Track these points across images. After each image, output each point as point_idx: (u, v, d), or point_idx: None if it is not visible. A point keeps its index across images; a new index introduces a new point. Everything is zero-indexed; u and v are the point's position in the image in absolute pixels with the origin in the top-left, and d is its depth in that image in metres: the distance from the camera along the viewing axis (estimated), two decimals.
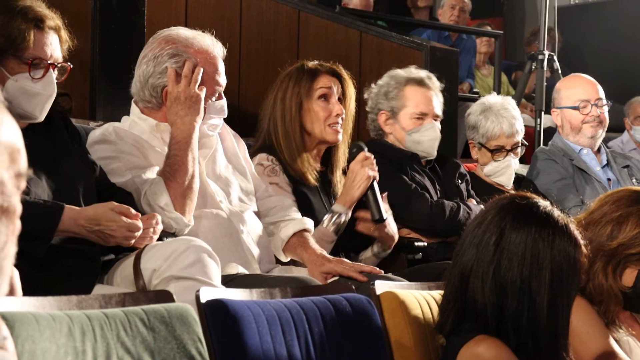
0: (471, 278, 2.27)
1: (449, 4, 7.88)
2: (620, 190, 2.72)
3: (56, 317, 1.85)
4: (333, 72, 3.56)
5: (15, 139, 1.12)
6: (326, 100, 3.51)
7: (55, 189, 2.63)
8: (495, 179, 4.28)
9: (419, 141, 3.96)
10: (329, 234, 3.40)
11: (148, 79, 3.04)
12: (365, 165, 3.46)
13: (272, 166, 3.45)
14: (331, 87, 3.51)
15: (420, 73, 4.03)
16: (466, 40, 7.69)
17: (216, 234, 3.03)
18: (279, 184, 3.42)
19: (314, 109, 3.49)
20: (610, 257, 2.58)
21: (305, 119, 3.50)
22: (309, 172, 3.49)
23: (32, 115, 2.66)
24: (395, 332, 2.45)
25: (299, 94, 3.49)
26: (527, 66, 5.81)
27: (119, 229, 2.59)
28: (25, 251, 2.33)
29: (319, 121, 3.49)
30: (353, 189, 3.44)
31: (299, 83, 3.50)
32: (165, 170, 2.92)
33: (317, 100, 3.50)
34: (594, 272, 2.58)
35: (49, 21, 2.64)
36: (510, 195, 2.36)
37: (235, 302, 2.21)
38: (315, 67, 3.55)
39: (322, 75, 3.53)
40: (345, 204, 3.44)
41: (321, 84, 3.51)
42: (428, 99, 3.99)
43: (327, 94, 3.51)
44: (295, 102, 3.48)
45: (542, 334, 2.23)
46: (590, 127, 4.56)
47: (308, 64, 3.56)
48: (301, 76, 3.51)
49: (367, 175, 3.44)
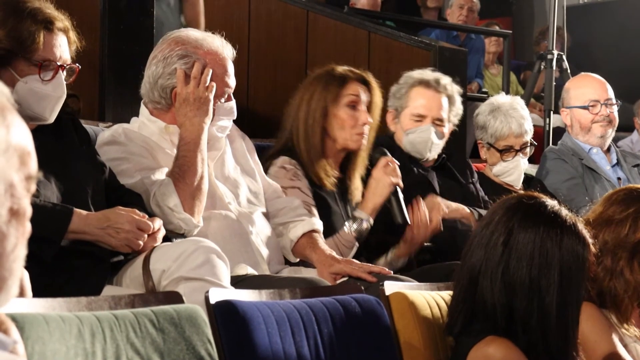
0: (480, 279, 2.26)
1: (458, 4, 7.87)
2: (620, 190, 2.74)
3: (66, 318, 1.86)
4: (362, 80, 3.54)
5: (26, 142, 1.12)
6: (354, 108, 3.49)
7: (64, 191, 2.63)
8: (504, 179, 4.28)
9: (413, 142, 3.95)
10: (350, 239, 3.40)
11: (157, 80, 3.05)
12: (388, 172, 3.45)
13: (294, 170, 3.44)
14: (359, 95, 3.50)
15: (431, 75, 4.00)
16: (475, 40, 7.68)
17: (225, 235, 3.03)
18: (300, 189, 3.42)
19: (341, 116, 3.47)
20: (634, 251, 2.59)
21: (331, 124, 3.48)
22: (325, 178, 3.48)
23: (42, 117, 2.66)
24: (405, 333, 2.45)
25: (325, 99, 3.47)
26: (536, 66, 5.80)
27: (127, 224, 2.59)
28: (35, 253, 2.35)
29: (344, 128, 3.47)
30: (375, 195, 3.44)
31: (327, 88, 3.48)
32: (174, 172, 2.92)
33: (344, 107, 3.48)
34: (618, 270, 2.58)
35: (58, 23, 2.65)
36: (518, 195, 2.36)
37: (244, 303, 2.21)
38: (345, 73, 3.52)
39: (352, 82, 3.51)
40: (368, 210, 3.44)
41: (350, 91, 3.49)
42: (431, 101, 3.96)
43: (356, 102, 3.49)
44: (320, 106, 3.47)
45: (551, 334, 2.23)
46: (600, 126, 4.55)
47: (337, 69, 3.54)
48: (330, 81, 3.49)
49: (390, 182, 3.44)
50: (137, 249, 2.64)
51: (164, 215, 2.85)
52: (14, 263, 1.11)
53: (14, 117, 1.12)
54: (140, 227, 2.62)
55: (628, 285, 2.59)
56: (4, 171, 1.09)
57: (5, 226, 1.09)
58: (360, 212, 3.44)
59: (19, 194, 1.11)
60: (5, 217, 1.09)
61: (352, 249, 3.40)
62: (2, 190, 1.08)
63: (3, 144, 1.09)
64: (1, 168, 1.08)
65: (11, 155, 1.10)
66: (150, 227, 2.64)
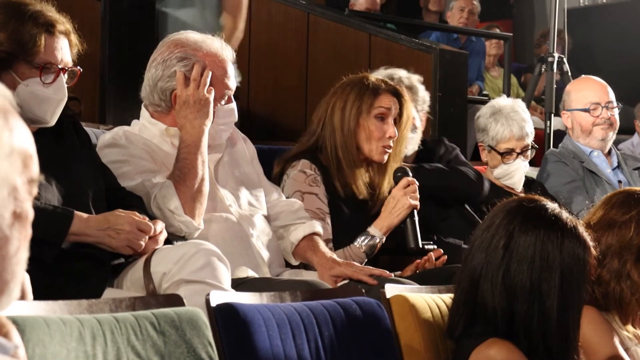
0: (481, 282, 2.26)
1: (458, 7, 7.87)
2: (618, 192, 2.74)
3: (67, 321, 1.86)
4: (394, 92, 3.52)
5: (28, 145, 1.13)
6: (382, 120, 3.47)
7: (65, 194, 2.63)
8: (505, 182, 4.27)
9: None
10: (359, 254, 3.38)
11: (157, 83, 3.05)
12: (407, 192, 3.43)
13: (314, 176, 3.43)
14: (390, 108, 3.48)
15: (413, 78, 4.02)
16: (475, 42, 7.68)
17: (226, 237, 3.03)
18: (317, 195, 3.40)
19: (369, 127, 3.45)
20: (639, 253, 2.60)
21: (359, 134, 3.46)
22: (361, 185, 3.45)
23: (43, 120, 2.67)
24: (406, 336, 2.45)
25: (359, 109, 3.45)
26: (537, 68, 5.80)
27: (128, 225, 2.59)
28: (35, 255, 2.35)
29: (371, 140, 3.45)
30: (392, 215, 3.41)
31: (360, 97, 3.45)
32: (175, 174, 2.92)
33: (373, 119, 3.45)
34: (625, 273, 2.59)
35: (59, 25, 2.65)
36: (518, 198, 2.36)
37: (245, 305, 2.21)
38: (379, 83, 3.50)
39: (384, 93, 3.49)
40: (382, 229, 3.42)
41: (382, 104, 3.47)
42: None
43: (385, 114, 3.47)
44: (355, 115, 3.44)
45: (552, 337, 2.23)
46: (601, 129, 4.54)
47: (371, 78, 3.52)
48: (364, 91, 3.46)
49: (409, 204, 3.42)
50: (138, 249, 2.64)
51: (165, 218, 2.85)
52: (16, 266, 1.11)
53: (17, 121, 1.12)
54: (140, 228, 2.62)
55: (636, 287, 2.60)
56: (8, 175, 1.09)
57: (8, 229, 1.09)
58: (374, 229, 3.42)
59: (22, 197, 1.11)
60: (8, 220, 1.10)
61: (361, 264, 3.38)
62: (6, 194, 1.09)
63: (6, 147, 1.09)
64: (5, 172, 1.08)
65: (14, 159, 1.10)
66: (151, 228, 2.64)
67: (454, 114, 5.00)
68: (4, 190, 1.08)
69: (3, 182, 1.08)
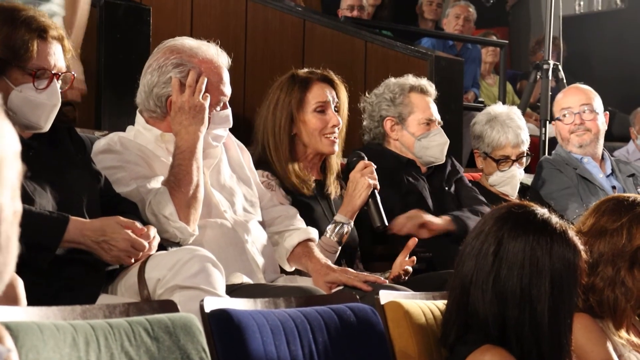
0: (472, 289, 2.27)
1: (454, 14, 7.88)
2: (607, 200, 2.75)
3: (60, 327, 1.85)
4: (325, 79, 3.54)
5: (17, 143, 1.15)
6: (322, 112, 3.50)
7: (60, 200, 2.63)
8: (500, 189, 4.28)
9: (427, 146, 3.96)
10: (332, 244, 3.41)
11: (153, 89, 3.05)
12: (365, 173, 3.46)
13: (267, 181, 3.45)
14: (327, 99, 3.50)
15: (422, 81, 4.04)
16: (471, 49, 7.70)
17: (221, 243, 3.03)
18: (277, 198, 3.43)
19: (310, 121, 3.48)
20: (632, 260, 2.60)
21: (300, 130, 3.50)
22: (299, 183, 3.48)
23: (37, 126, 2.66)
24: (400, 342, 2.45)
25: (289, 105, 3.48)
26: (532, 75, 5.81)
27: (123, 242, 2.59)
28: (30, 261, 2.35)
29: (313, 133, 3.49)
30: (354, 198, 3.44)
31: (290, 94, 3.49)
32: (170, 180, 2.92)
33: (312, 113, 3.48)
34: (620, 280, 2.59)
35: (52, 31, 2.65)
36: (508, 205, 2.37)
37: (239, 311, 2.21)
38: (307, 75, 3.53)
39: (315, 84, 3.51)
40: (347, 213, 3.44)
41: (317, 97, 3.49)
42: (431, 105, 4.02)
43: (324, 107, 3.50)
44: (285, 114, 3.48)
45: (544, 342, 2.23)
46: (577, 136, 4.50)
47: (299, 72, 3.54)
48: (292, 86, 3.50)
49: (368, 184, 3.44)
50: (128, 264, 2.64)
51: (160, 224, 2.85)
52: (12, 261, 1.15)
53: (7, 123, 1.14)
54: (134, 246, 2.61)
55: (631, 294, 2.60)
56: (13, 179, 1.11)
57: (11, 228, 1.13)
58: (341, 216, 3.45)
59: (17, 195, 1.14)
60: (11, 219, 1.12)
61: (336, 253, 3.41)
62: (9, 198, 1.11)
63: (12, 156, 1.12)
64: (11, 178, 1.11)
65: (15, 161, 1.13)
66: (145, 247, 2.64)
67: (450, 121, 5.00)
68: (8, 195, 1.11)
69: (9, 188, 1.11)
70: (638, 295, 2.61)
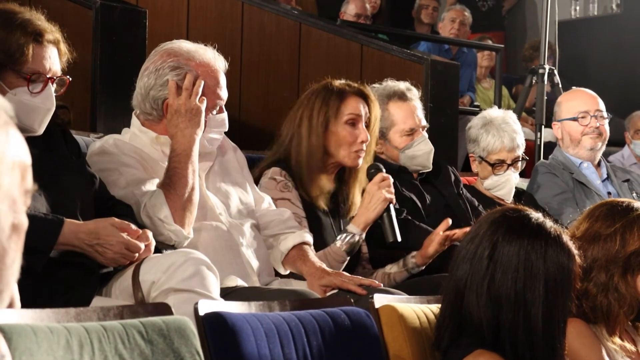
0: (466, 293, 2.27)
1: (449, 17, 7.90)
2: (601, 205, 2.75)
3: (54, 329, 1.85)
4: (360, 93, 3.52)
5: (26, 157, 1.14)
6: (353, 125, 3.47)
7: (53, 203, 2.62)
8: (496, 193, 4.28)
9: (413, 156, 3.93)
10: (341, 253, 3.38)
11: (149, 92, 3.05)
12: (382, 187, 3.43)
13: (284, 181, 3.43)
14: (359, 113, 3.47)
15: (400, 85, 3.96)
16: (467, 53, 7.71)
17: (216, 246, 3.03)
18: (290, 200, 3.41)
19: (340, 133, 3.45)
20: (626, 266, 2.60)
21: (329, 141, 3.46)
22: (320, 197, 3.46)
23: (31, 129, 2.66)
24: (394, 346, 2.45)
25: (326, 114, 3.44)
26: (528, 80, 5.82)
27: (117, 244, 2.59)
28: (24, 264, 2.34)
29: (343, 146, 3.45)
30: (369, 210, 3.41)
31: (326, 103, 3.45)
32: (165, 183, 2.92)
33: (343, 125, 3.45)
34: (613, 286, 2.59)
35: (47, 35, 2.64)
36: (502, 209, 2.37)
37: (233, 315, 2.21)
38: (343, 87, 3.50)
39: (350, 97, 3.48)
40: (360, 225, 3.42)
41: (351, 109, 3.46)
42: (412, 112, 3.93)
43: (355, 120, 3.47)
44: (322, 123, 3.44)
45: (538, 346, 2.24)
46: (590, 138, 4.56)
47: (335, 82, 3.51)
48: (329, 96, 3.46)
49: (384, 198, 3.41)
50: (123, 264, 2.64)
51: (154, 227, 2.85)
52: (11, 277, 1.12)
53: (14, 132, 1.13)
54: (129, 248, 2.61)
55: (624, 300, 2.60)
56: (9, 188, 1.10)
57: (7, 242, 1.10)
58: (353, 226, 3.42)
59: (19, 209, 1.12)
60: (7, 233, 1.10)
61: (343, 263, 3.40)
62: (6, 207, 1.10)
63: (9, 161, 1.10)
64: (7, 186, 1.09)
65: (15, 172, 1.11)
66: (140, 248, 2.63)
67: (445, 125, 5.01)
68: (5, 204, 1.09)
69: (5, 197, 1.09)
70: (631, 301, 2.61)
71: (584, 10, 9.45)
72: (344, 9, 7.41)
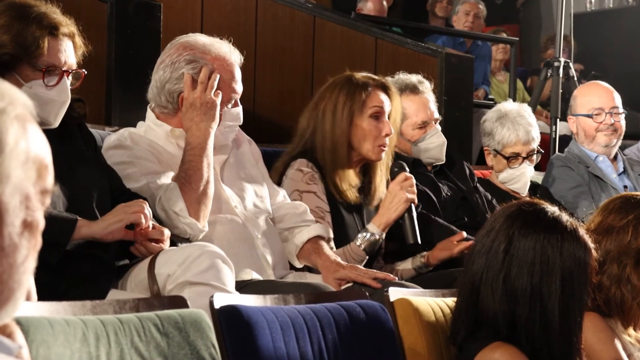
0: (482, 287, 2.26)
1: (464, 10, 7.87)
2: (616, 198, 2.75)
3: (70, 322, 1.86)
4: (383, 87, 3.50)
5: (45, 155, 1.13)
6: (377, 119, 3.44)
7: (69, 196, 2.63)
8: (511, 186, 4.27)
9: (426, 149, 3.92)
10: (360, 252, 3.35)
11: (165, 85, 3.05)
12: (404, 187, 3.39)
13: (312, 173, 3.40)
14: (383, 106, 3.45)
15: (412, 78, 3.95)
16: (481, 46, 7.68)
17: (231, 239, 3.03)
18: (316, 193, 3.39)
19: (364, 127, 3.42)
20: (638, 257, 2.60)
21: (354, 134, 3.43)
22: (349, 190, 3.43)
23: (47, 122, 2.67)
24: (409, 339, 2.45)
25: (351, 108, 3.41)
26: (543, 73, 5.80)
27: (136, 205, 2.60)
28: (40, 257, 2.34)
29: (367, 139, 3.42)
30: (390, 210, 3.38)
31: (351, 96, 3.42)
32: (180, 176, 2.92)
33: (368, 118, 3.43)
34: (625, 277, 2.59)
35: (63, 28, 2.65)
36: (518, 202, 2.36)
37: (249, 308, 2.21)
38: (367, 80, 3.46)
39: (374, 90, 3.45)
40: (380, 225, 3.38)
41: (375, 102, 3.43)
42: (425, 105, 3.93)
43: (379, 113, 3.44)
44: (347, 116, 3.41)
45: (555, 340, 2.23)
46: (604, 135, 4.54)
47: (357, 75, 3.48)
48: (353, 89, 3.43)
49: (406, 198, 3.37)
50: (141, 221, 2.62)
51: (170, 220, 2.86)
52: (23, 275, 1.11)
53: (35, 130, 1.12)
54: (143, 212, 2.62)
55: (637, 291, 2.60)
56: (21, 183, 1.09)
57: (17, 238, 1.09)
58: (373, 226, 3.38)
59: (34, 207, 1.11)
60: (18, 229, 1.09)
61: (362, 262, 3.37)
62: (17, 202, 1.09)
63: (22, 155, 1.09)
64: (18, 179, 1.08)
65: (29, 167, 1.10)
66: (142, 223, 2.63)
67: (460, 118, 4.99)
68: (16, 198, 1.08)
69: (16, 190, 1.08)
70: None
71: (599, 3, 9.40)
72: (361, 5, 7.39)
